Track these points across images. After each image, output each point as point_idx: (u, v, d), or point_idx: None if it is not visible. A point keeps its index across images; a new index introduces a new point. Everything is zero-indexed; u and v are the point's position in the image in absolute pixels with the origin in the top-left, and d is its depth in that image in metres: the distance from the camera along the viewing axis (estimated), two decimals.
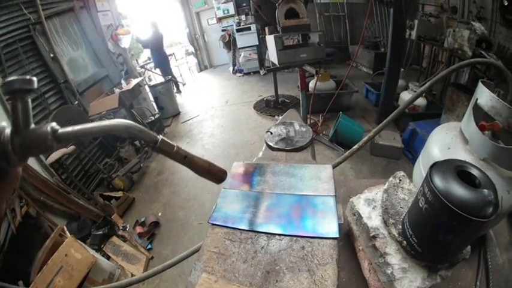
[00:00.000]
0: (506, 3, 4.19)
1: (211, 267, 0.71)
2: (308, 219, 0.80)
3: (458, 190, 0.58)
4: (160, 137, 0.55)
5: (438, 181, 0.60)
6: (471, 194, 0.57)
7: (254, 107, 6.51)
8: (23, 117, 0.42)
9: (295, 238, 0.76)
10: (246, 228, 0.79)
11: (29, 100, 0.43)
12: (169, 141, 0.57)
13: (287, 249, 0.73)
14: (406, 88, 5.03)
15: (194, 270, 0.71)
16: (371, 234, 0.78)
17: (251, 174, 1.00)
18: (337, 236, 0.75)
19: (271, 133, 1.26)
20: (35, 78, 0.42)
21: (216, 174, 0.64)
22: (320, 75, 4.42)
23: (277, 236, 0.77)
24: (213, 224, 0.83)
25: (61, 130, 0.44)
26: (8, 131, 0.41)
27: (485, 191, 0.59)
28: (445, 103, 4.06)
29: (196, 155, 0.61)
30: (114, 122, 0.49)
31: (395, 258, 0.73)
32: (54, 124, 0.44)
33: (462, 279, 0.85)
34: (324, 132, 4.73)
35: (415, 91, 4.63)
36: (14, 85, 0.40)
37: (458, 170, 0.63)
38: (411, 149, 3.89)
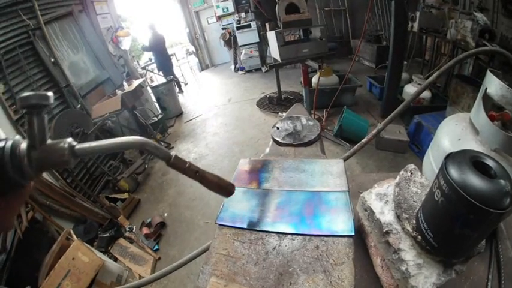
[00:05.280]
0: None
1: (220, 271, 0.68)
2: (321, 216, 0.78)
3: (475, 181, 0.56)
4: (174, 153, 0.59)
5: (454, 172, 0.58)
6: (488, 185, 0.55)
7: (257, 104, 6.49)
8: (39, 132, 0.42)
9: (308, 237, 0.73)
10: (256, 228, 0.77)
11: (45, 116, 0.43)
12: (182, 158, 0.60)
13: (300, 249, 0.70)
14: (409, 81, 4.99)
15: (202, 274, 0.68)
16: (384, 230, 0.76)
17: (258, 171, 0.98)
18: (353, 233, 0.73)
19: (278, 128, 1.24)
20: (51, 93, 0.42)
21: (225, 188, 0.69)
22: (323, 70, 4.40)
23: (289, 236, 0.74)
24: (220, 225, 0.80)
25: (78, 146, 0.45)
26: (24, 145, 0.41)
27: (502, 181, 0.57)
28: (450, 95, 4.02)
29: (208, 171, 0.65)
30: (130, 138, 0.52)
31: (409, 254, 0.71)
32: (71, 140, 0.45)
33: (474, 273, 0.83)
34: (328, 128, 4.70)
35: (419, 84, 4.60)
36: (30, 100, 0.40)
37: (474, 161, 0.61)
38: (417, 142, 3.85)
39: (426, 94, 4.54)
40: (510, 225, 0.98)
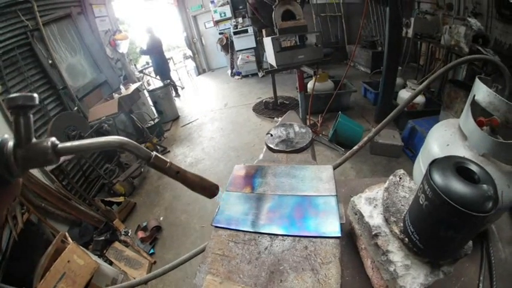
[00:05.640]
0: None
1: (215, 269, 0.71)
2: (310, 219, 0.81)
3: (458, 186, 0.58)
4: (154, 153, 0.59)
5: (438, 178, 0.61)
6: (470, 190, 0.58)
7: (253, 109, 6.51)
8: (25, 132, 0.45)
9: (298, 238, 0.76)
10: (249, 230, 0.80)
11: (31, 115, 0.46)
12: (162, 157, 0.60)
13: (290, 250, 0.74)
14: (404, 86, 5.04)
15: (199, 272, 0.72)
16: (373, 233, 0.79)
17: (252, 176, 1.01)
18: (339, 235, 0.75)
19: (272, 135, 1.27)
20: (36, 95, 0.45)
21: (208, 189, 0.67)
22: (318, 76, 4.43)
23: (280, 237, 0.77)
24: (216, 227, 0.83)
25: (61, 145, 0.47)
26: (10, 143, 0.44)
27: (485, 186, 0.59)
28: (444, 100, 4.07)
29: (190, 171, 0.64)
30: (111, 138, 0.54)
31: (397, 256, 0.73)
32: (54, 139, 0.47)
33: (465, 274, 0.86)
34: (323, 133, 4.73)
35: (413, 89, 4.64)
36: (17, 101, 0.43)
37: (458, 167, 0.64)
38: (411, 147, 3.89)
39: (420, 99, 4.58)
40: (501, 227, 1.01)
